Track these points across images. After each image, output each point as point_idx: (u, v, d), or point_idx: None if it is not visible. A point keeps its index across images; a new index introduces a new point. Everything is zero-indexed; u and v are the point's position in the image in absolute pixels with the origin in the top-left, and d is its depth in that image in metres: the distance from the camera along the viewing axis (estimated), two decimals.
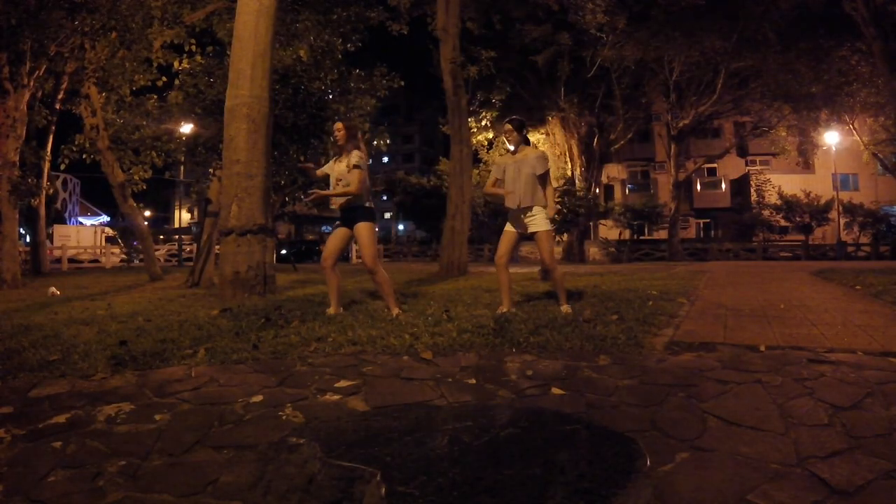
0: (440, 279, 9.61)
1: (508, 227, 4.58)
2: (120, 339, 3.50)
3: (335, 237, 4.53)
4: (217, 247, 8.45)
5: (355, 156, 4.40)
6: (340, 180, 4.45)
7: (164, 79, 11.45)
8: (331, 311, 4.48)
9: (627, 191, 36.72)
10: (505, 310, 4.39)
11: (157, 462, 1.87)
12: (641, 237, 30.03)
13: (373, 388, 2.55)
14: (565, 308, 4.36)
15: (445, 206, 12.06)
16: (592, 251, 27.16)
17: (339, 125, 4.61)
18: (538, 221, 4.44)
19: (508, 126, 4.58)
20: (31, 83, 10.04)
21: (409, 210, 34.30)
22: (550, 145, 25.69)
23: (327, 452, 1.83)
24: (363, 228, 4.41)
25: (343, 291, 5.15)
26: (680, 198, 25.98)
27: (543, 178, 4.47)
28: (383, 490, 1.56)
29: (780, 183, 29.06)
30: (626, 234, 28.88)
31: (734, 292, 6.41)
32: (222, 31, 10.83)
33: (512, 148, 4.61)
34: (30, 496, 1.67)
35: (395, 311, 4.34)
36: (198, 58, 10.75)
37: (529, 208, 4.45)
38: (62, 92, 12.45)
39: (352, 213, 4.47)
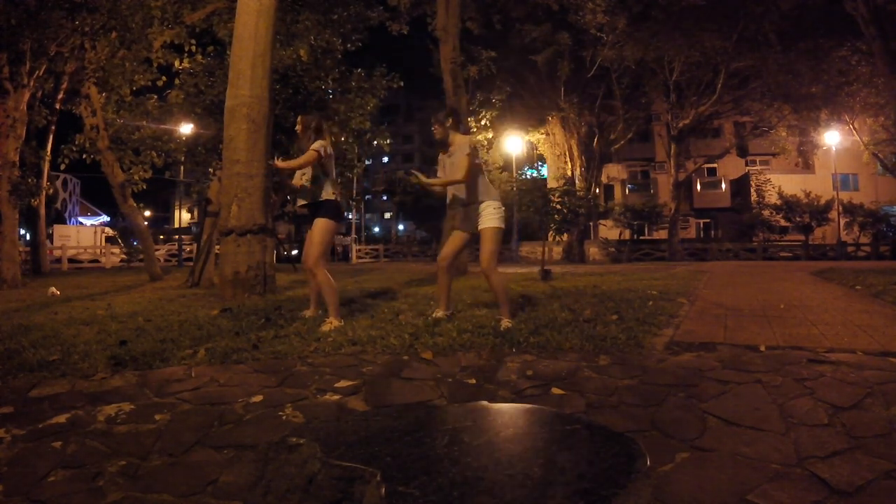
0: None
1: (456, 228, 4.12)
2: (120, 339, 3.50)
3: (308, 237, 4.33)
4: (217, 247, 8.45)
5: (316, 143, 4.21)
6: (303, 176, 4.28)
7: (164, 79, 11.45)
8: (309, 312, 4.39)
9: (627, 191, 36.71)
10: (440, 314, 4.13)
11: (157, 462, 1.87)
12: (641, 237, 30.02)
13: (373, 388, 2.55)
14: (505, 322, 3.73)
15: (445, 206, 12.05)
16: (592, 251, 27.15)
17: (299, 119, 4.40)
18: (486, 217, 3.91)
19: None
20: (31, 83, 10.04)
21: (409, 210, 34.34)
22: (550, 145, 25.69)
23: (327, 452, 1.83)
24: (318, 224, 4.14)
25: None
26: (680, 198, 25.98)
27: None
28: (383, 490, 1.56)
29: (780, 183, 29.04)
30: (626, 234, 28.88)
31: (734, 292, 6.41)
32: (222, 31, 10.83)
33: (443, 145, 4.09)
34: (30, 496, 1.67)
35: (335, 321, 3.93)
36: (198, 58, 10.75)
37: (475, 204, 3.95)
38: (62, 92, 12.45)
39: (315, 209, 4.21)
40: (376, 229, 63.53)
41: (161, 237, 34.57)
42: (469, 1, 16.22)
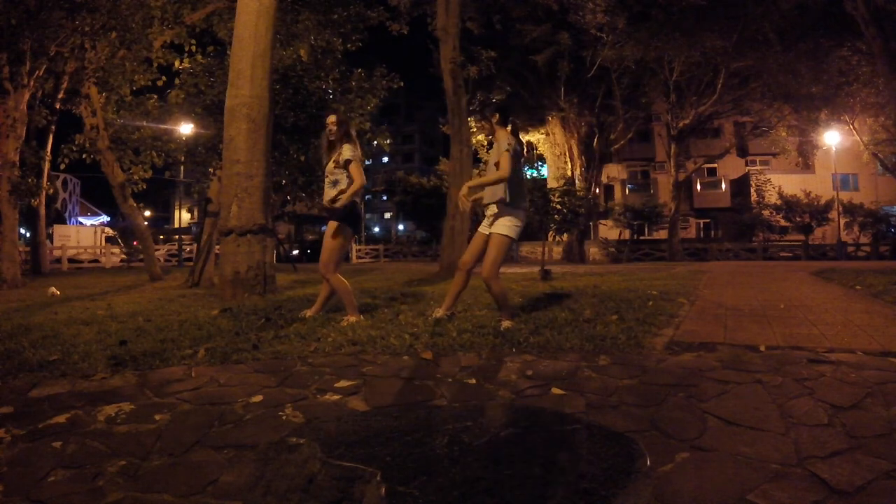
0: (440, 279, 9.61)
1: (481, 228, 3.99)
2: (120, 339, 3.50)
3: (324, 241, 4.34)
4: (217, 247, 8.45)
5: (347, 150, 4.11)
6: (328, 176, 4.20)
7: (164, 79, 11.44)
8: (309, 312, 4.36)
9: (627, 191, 36.71)
10: (440, 313, 4.09)
11: (157, 462, 1.87)
12: (641, 237, 30.01)
13: (373, 388, 2.55)
14: (505, 322, 3.74)
15: (445, 206, 12.06)
16: (592, 251, 27.16)
17: (331, 118, 4.30)
18: (497, 222, 3.83)
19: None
20: (31, 83, 10.04)
21: (409, 210, 34.30)
22: (550, 145, 25.70)
23: (327, 452, 1.83)
24: (333, 226, 4.17)
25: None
26: (680, 198, 25.98)
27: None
28: (383, 490, 1.56)
29: (780, 183, 29.05)
30: (626, 234, 28.86)
31: (734, 292, 6.41)
32: (222, 31, 10.83)
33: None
34: (30, 496, 1.67)
35: (353, 317, 4.06)
36: (198, 58, 10.74)
37: (492, 204, 3.89)
38: (62, 92, 12.43)
39: (332, 210, 4.17)
40: (376, 229, 63.53)
41: (161, 237, 34.56)
42: (469, 1, 16.22)
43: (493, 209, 3.87)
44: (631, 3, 18.71)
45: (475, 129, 18.94)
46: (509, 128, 3.99)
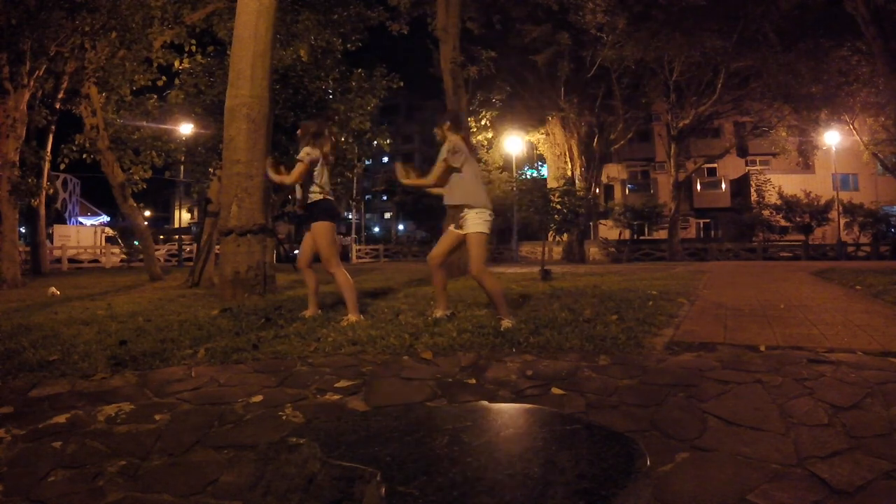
0: None
1: (451, 227, 4.10)
2: (120, 339, 3.50)
3: (305, 240, 4.40)
4: (217, 247, 8.45)
5: (302, 152, 4.25)
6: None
7: (164, 79, 11.45)
8: (308, 312, 4.38)
9: (627, 191, 36.71)
10: (440, 313, 4.14)
11: (157, 462, 1.87)
12: (641, 237, 30.01)
13: (373, 388, 2.55)
14: (505, 322, 3.74)
15: (445, 207, 12.05)
16: (592, 251, 27.15)
17: (300, 125, 4.54)
18: (468, 222, 3.92)
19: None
20: (31, 83, 10.03)
21: (409, 210, 34.32)
22: (550, 145, 25.69)
23: (327, 452, 1.83)
24: (317, 228, 4.24)
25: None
26: (680, 198, 25.98)
27: (463, 170, 3.91)
28: (383, 490, 1.56)
29: (780, 183, 29.04)
30: (626, 234, 28.86)
31: (734, 292, 6.41)
32: (222, 31, 10.83)
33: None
34: (30, 496, 1.67)
35: (353, 317, 4.10)
36: (198, 58, 10.75)
37: (460, 207, 3.96)
38: (62, 92, 12.43)
39: (309, 212, 4.28)
40: (376, 229, 63.54)
41: (161, 237, 34.54)
42: (469, 1, 16.21)
43: (461, 210, 3.95)
44: (631, 3, 18.71)
45: (475, 129, 18.93)
46: (461, 135, 4.06)
